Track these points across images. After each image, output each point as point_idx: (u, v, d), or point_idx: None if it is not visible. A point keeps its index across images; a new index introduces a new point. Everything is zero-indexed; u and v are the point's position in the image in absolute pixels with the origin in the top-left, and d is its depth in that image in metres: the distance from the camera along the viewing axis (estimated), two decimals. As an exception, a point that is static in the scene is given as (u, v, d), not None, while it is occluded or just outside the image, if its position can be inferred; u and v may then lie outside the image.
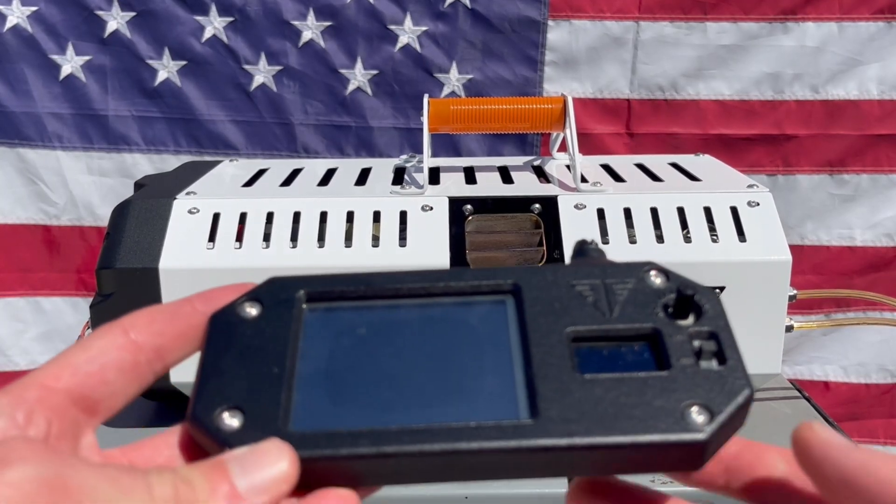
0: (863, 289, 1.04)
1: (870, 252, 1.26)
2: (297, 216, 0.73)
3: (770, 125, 1.24)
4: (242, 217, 0.73)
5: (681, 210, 0.73)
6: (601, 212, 0.73)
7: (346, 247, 0.71)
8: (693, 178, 0.80)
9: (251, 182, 0.81)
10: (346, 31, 1.24)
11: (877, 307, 1.23)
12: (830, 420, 0.77)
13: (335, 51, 1.24)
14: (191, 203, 0.74)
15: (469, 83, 1.26)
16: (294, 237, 0.72)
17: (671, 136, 1.25)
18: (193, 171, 0.86)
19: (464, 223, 0.73)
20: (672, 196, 0.74)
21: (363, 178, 0.82)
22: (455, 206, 0.74)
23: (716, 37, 1.21)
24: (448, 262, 0.70)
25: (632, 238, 0.71)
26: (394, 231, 0.72)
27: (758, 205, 0.73)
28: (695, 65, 1.22)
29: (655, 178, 0.80)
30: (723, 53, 1.22)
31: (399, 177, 0.82)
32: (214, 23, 1.23)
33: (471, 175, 0.83)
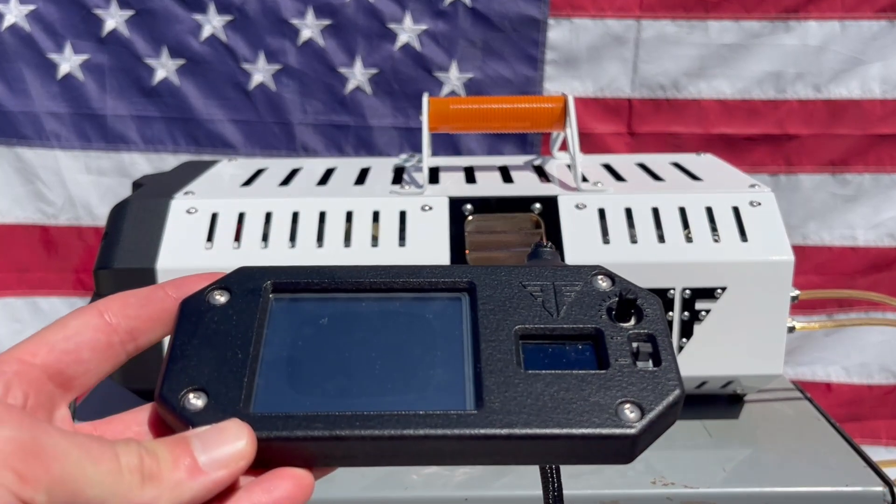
0: (865, 289, 1.03)
1: (872, 252, 1.26)
2: (296, 216, 0.73)
3: (772, 124, 1.24)
4: (241, 217, 0.73)
5: (682, 210, 0.72)
6: (602, 212, 0.72)
7: (346, 247, 0.71)
8: (695, 178, 0.79)
9: (250, 182, 0.81)
10: (346, 30, 1.23)
11: (879, 308, 1.23)
12: (833, 421, 0.76)
13: (334, 50, 1.24)
14: (189, 203, 0.74)
15: (469, 82, 1.25)
16: (293, 237, 0.71)
17: (672, 136, 1.25)
18: (192, 171, 0.86)
19: (464, 223, 0.73)
20: (673, 196, 0.73)
21: (362, 178, 0.82)
22: (455, 206, 0.73)
23: (717, 35, 1.21)
24: (448, 262, 0.70)
25: (633, 238, 0.71)
26: (393, 231, 0.72)
27: (760, 205, 0.73)
28: (696, 64, 1.22)
29: (657, 178, 0.80)
30: (725, 52, 1.21)
31: (398, 176, 0.82)
32: (213, 21, 1.23)
33: (471, 175, 0.82)
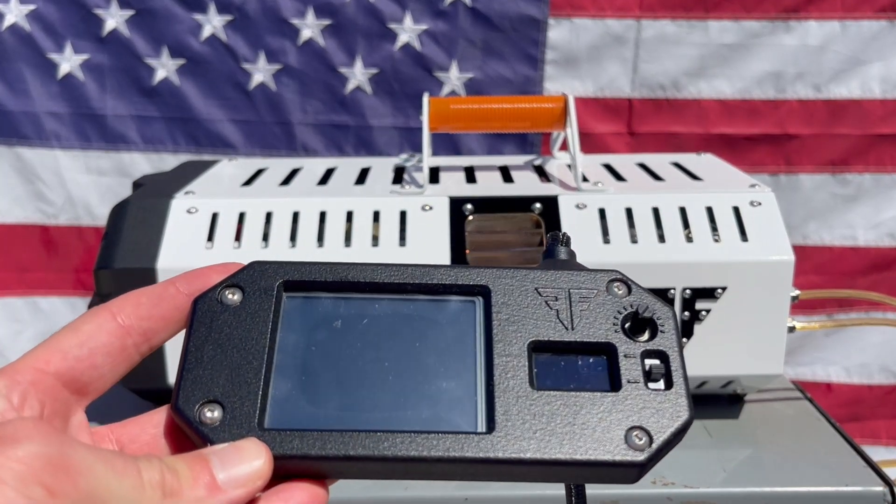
0: (865, 289, 1.03)
1: (872, 252, 1.26)
2: (297, 216, 0.73)
3: (772, 124, 1.23)
4: (241, 217, 0.73)
5: (682, 210, 0.72)
6: (602, 211, 0.72)
7: (346, 247, 0.71)
8: (695, 178, 0.79)
9: (250, 181, 0.81)
10: (346, 30, 1.23)
11: (879, 307, 1.23)
12: (833, 421, 0.76)
13: (334, 49, 1.24)
14: (189, 203, 0.74)
15: (469, 82, 1.25)
16: (293, 237, 0.71)
17: (673, 136, 1.25)
18: (192, 171, 0.86)
19: (464, 223, 0.73)
20: (674, 196, 0.73)
21: (363, 178, 0.82)
22: (455, 206, 0.73)
23: (718, 35, 1.21)
24: (448, 262, 0.70)
25: (633, 238, 0.71)
26: (394, 231, 0.72)
27: (760, 204, 0.73)
28: (696, 63, 1.22)
29: (657, 178, 0.80)
30: (725, 52, 1.21)
31: (399, 176, 0.82)
32: (213, 21, 1.22)
33: (471, 174, 0.82)
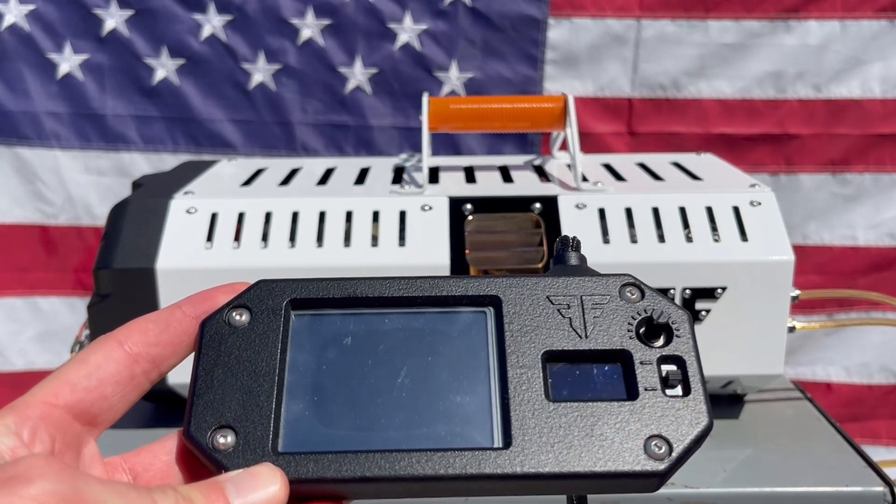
0: (866, 289, 1.03)
1: (873, 252, 1.26)
2: (296, 216, 0.72)
3: (772, 124, 1.23)
4: (241, 217, 0.73)
5: (682, 210, 0.72)
6: (602, 211, 0.72)
7: (346, 247, 0.70)
8: (695, 178, 0.79)
9: (249, 181, 0.81)
10: (346, 30, 1.23)
11: (880, 307, 1.23)
12: (833, 421, 0.76)
13: (334, 49, 1.24)
14: (189, 203, 0.73)
15: (469, 82, 1.25)
16: (293, 237, 0.71)
17: (673, 136, 1.24)
18: (191, 171, 0.85)
19: (464, 223, 0.72)
20: (674, 195, 0.73)
21: (362, 178, 0.82)
22: (455, 206, 0.73)
23: (718, 35, 1.21)
24: (448, 262, 0.70)
25: (633, 238, 0.70)
26: (393, 231, 0.71)
27: (760, 204, 0.72)
28: (696, 63, 1.22)
29: (657, 178, 0.80)
30: (725, 52, 1.21)
31: (398, 176, 0.81)
32: (213, 21, 1.22)
33: (471, 174, 0.82)
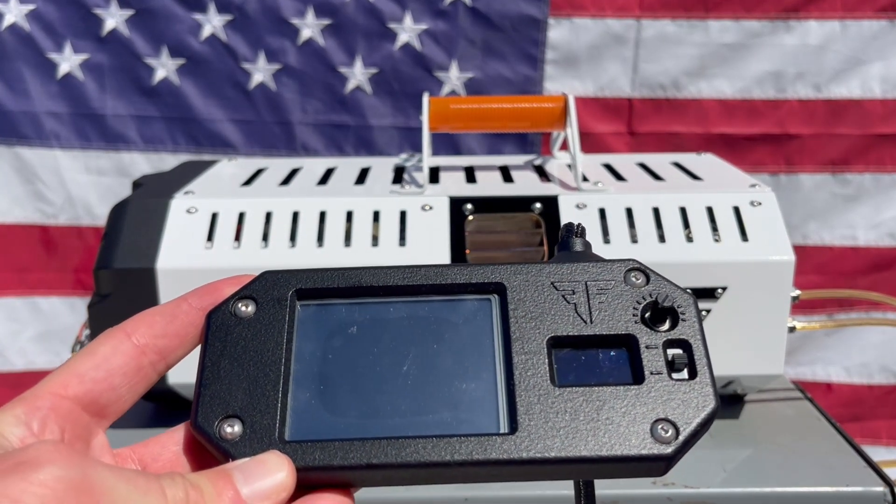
0: (866, 289, 1.03)
1: (873, 252, 1.26)
2: (296, 216, 0.72)
3: (772, 124, 1.23)
4: (241, 217, 0.73)
5: (683, 210, 0.72)
6: (602, 211, 0.72)
7: (346, 247, 0.70)
8: (695, 178, 0.79)
9: (250, 181, 0.81)
10: (346, 30, 1.23)
11: (880, 307, 1.23)
12: (833, 421, 0.76)
13: (334, 49, 1.24)
14: (189, 202, 0.73)
15: (469, 82, 1.25)
16: (293, 237, 0.71)
17: (673, 135, 1.24)
18: (191, 171, 0.85)
19: (464, 223, 0.72)
20: (674, 195, 0.73)
21: (362, 178, 0.82)
22: (455, 206, 0.73)
23: (718, 35, 1.21)
24: (448, 262, 0.70)
25: (633, 238, 0.70)
26: (393, 231, 0.71)
27: (760, 204, 0.72)
28: (697, 63, 1.22)
29: (657, 178, 0.80)
30: (725, 52, 1.21)
31: (399, 176, 0.81)
32: (213, 21, 1.22)
33: (471, 174, 0.82)
